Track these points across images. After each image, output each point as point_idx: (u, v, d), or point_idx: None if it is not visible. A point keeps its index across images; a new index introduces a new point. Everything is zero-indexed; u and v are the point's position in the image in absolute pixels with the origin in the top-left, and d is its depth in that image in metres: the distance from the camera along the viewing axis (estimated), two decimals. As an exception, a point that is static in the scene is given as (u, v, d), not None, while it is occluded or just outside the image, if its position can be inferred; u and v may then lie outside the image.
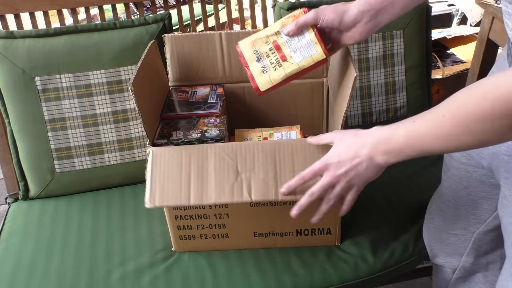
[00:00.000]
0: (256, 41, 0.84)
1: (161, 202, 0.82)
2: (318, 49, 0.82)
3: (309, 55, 0.82)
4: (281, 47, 0.83)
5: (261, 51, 0.84)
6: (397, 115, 1.32)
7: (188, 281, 0.94)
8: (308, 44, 0.82)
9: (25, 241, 1.05)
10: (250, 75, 0.84)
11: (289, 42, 0.83)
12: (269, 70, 0.83)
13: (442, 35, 1.94)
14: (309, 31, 0.82)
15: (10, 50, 1.09)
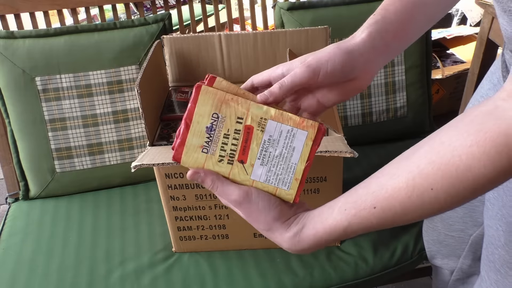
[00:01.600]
0: (229, 104, 0.52)
1: (150, 161, 0.80)
2: (291, 188, 0.55)
3: (274, 184, 0.55)
4: (252, 140, 0.53)
5: (224, 122, 0.53)
6: (397, 115, 1.32)
7: (188, 281, 0.94)
8: (286, 171, 0.54)
9: (25, 241, 1.05)
10: (182, 137, 0.53)
11: (266, 146, 0.54)
12: (212, 155, 0.54)
13: (442, 35, 1.94)
14: (301, 157, 0.54)
15: (10, 50, 1.09)
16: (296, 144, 0.54)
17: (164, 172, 0.88)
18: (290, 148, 0.54)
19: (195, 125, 0.53)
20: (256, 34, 1.03)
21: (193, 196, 0.91)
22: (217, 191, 0.54)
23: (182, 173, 0.88)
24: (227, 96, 0.52)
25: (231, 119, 0.53)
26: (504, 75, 0.66)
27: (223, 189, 0.54)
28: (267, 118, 0.53)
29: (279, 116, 0.53)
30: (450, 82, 1.84)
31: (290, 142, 0.54)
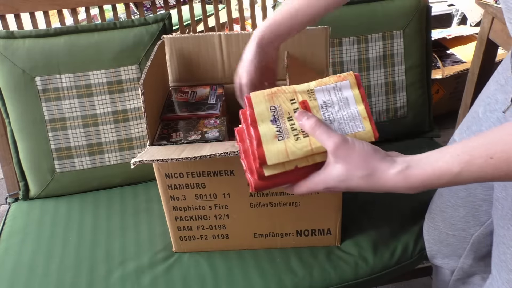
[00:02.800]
0: (277, 95, 0.59)
1: (149, 157, 0.79)
2: (366, 127, 0.59)
3: (351, 131, 0.58)
4: (312, 110, 0.58)
5: (282, 109, 0.58)
6: (397, 115, 1.32)
7: (188, 282, 0.94)
8: (352, 117, 0.59)
9: (25, 241, 1.05)
10: (257, 137, 0.56)
11: (325, 108, 0.59)
12: (288, 138, 0.57)
13: (442, 35, 1.94)
14: (357, 100, 0.59)
15: (10, 50, 1.09)
16: (347, 94, 0.60)
17: (164, 172, 0.88)
18: (344, 99, 0.60)
19: (261, 124, 0.58)
20: None
21: (193, 196, 0.91)
22: (317, 132, 0.55)
23: (182, 173, 0.88)
24: (272, 90, 0.59)
25: (286, 104, 0.59)
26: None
27: (323, 130, 0.55)
28: (312, 88, 0.60)
29: (320, 82, 0.60)
30: (450, 82, 1.84)
31: (340, 95, 0.60)
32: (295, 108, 0.58)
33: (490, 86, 0.78)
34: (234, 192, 0.91)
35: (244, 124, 0.58)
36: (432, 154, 0.53)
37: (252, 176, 0.58)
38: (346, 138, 0.55)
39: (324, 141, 0.55)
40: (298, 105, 0.59)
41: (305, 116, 0.57)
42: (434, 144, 1.33)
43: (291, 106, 0.58)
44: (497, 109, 0.74)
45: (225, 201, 0.92)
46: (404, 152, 0.56)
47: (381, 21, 1.26)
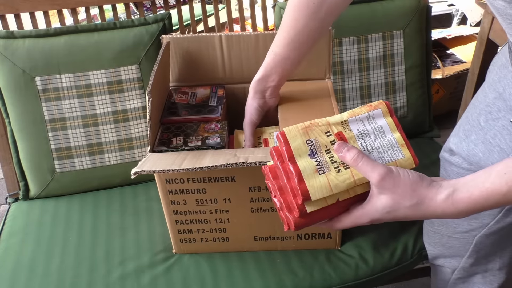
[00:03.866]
0: (312, 128, 0.58)
1: (150, 168, 0.79)
2: (405, 154, 0.58)
3: (391, 159, 0.58)
4: (349, 143, 0.58)
5: (319, 142, 0.57)
6: (397, 115, 1.32)
7: (188, 282, 0.94)
8: (390, 145, 0.58)
9: (25, 241, 1.05)
10: (297, 172, 0.55)
11: (361, 138, 0.58)
12: (329, 171, 0.56)
13: (442, 35, 1.94)
14: (391, 128, 0.59)
15: (10, 50, 1.09)
16: (380, 122, 0.60)
17: (164, 178, 0.88)
18: (379, 127, 0.59)
19: (299, 159, 0.56)
20: (258, 35, 1.03)
21: (194, 201, 0.91)
22: (359, 165, 0.54)
23: (183, 179, 0.88)
24: (305, 124, 0.58)
25: (322, 137, 0.58)
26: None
27: (367, 163, 0.54)
28: (346, 119, 0.60)
29: (352, 113, 0.60)
30: (450, 82, 1.84)
31: (375, 124, 0.59)
32: (332, 141, 0.57)
33: (488, 94, 0.77)
34: (235, 197, 0.90)
35: (279, 161, 0.57)
36: (478, 176, 0.52)
37: (291, 214, 0.56)
38: (390, 168, 0.54)
39: (368, 173, 0.54)
40: (334, 137, 0.58)
41: (345, 147, 0.56)
42: (434, 144, 1.33)
43: (327, 139, 0.57)
44: (500, 117, 0.74)
45: (225, 206, 0.92)
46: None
47: (381, 21, 1.26)
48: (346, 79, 1.27)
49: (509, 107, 0.71)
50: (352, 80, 1.27)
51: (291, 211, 0.57)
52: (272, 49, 0.87)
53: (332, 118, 0.59)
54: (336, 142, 0.57)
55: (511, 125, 0.71)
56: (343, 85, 1.27)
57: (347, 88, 1.27)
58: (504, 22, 0.63)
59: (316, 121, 0.58)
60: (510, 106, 0.70)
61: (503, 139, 0.73)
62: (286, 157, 0.56)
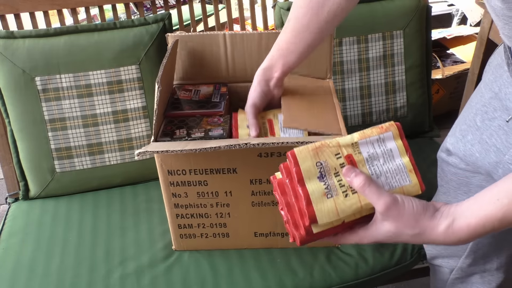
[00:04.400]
0: (322, 149, 0.58)
1: (153, 148, 0.80)
2: (412, 180, 0.59)
3: (398, 185, 0.58)
4: (358, 166, 0.58)
5: (328, 165, 0.57)
6: (397, 115, 1.32)
7: (188, 281, 0.94)
8: (399, 170, 0.58)
9: (25, 241, 1.05)
10: (305, 195, 0.56)
11: (371, 162, 0.58)
12: (337, 195, 0.57)
13: (442, 35, 1.94)
14: (401, 152, 0.59)
15: (10, 50, 1.09)
16: (390, 146, 0.59)
17: (166, 169, 0.88)
18: (388, 151, 0.59)
19: (308, 181, 0.56)
20: (261, 34, 1.03)
21: (195, 194, 0.91)
22: (367, 191, 0.55)
23: (185, 170, 0.88)
24: (316, 145, 0.58)
25: (332, 159, 0.58)
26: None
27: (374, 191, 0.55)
28: (357, 141, 0.59)
29: (363, 135, 0.59)
30: (450, 82, 1.84)
31: (384, 147, 0.59)
32: (341, 163, 0.58)
33: (484, 94, 0.78)
34: (236, 190, 0.91)
35: (287, 179, 0.57)
36: (473, 203, 0.54)
37: (297, 231, 0.58)
38: (396, 198, 0.55)
39: (374, 201, 0.55)
40: (344, 159, 0.58)
41: (353, 172, 0.57)
42: (434, 144, 1.33)
43: (337, 162, 0.58)
44: (496, 117, 0.74)
45: (226, 199, 0.92)
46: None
47: (381, 21, 1.26)
48: (346, 79, 1.27)
49: (505, 106, 0.71)
50: (352, 80, 1.27)
51: (298, 228, 0.58)
52: (277, 42, 0.89)
53: (343, 139, 0.59)
54: (345, 165, 0.57)
55: (507, 125, 0.71)
56: (343, 85, 1.27)
57: (347, 88, 1.27)
58: (500, 22, 0.63)
59: (327, 142, 0.58)
60: (506, 106, 0.70)
61: (499, 138, 0.73)
62: (295, 178, 0.56)
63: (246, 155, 0.87)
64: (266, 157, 0.87)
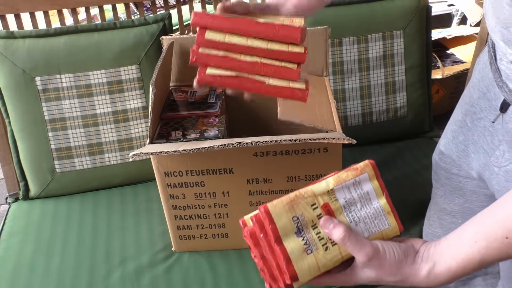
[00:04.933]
0: (297, 201, 0.54)
1: (148, 150, 0.80)
2: (391, 223, 0.57)
3: (377, 230, 0.57)
4: (336, 215, 0.55)
5: (305, 218, 0.54)
6: (397, 115, 1.32)
7: (188, 281, 0.94)
8: (377, 214, 0.57)
9: (25, 241, 1.05)
10: (285, 255, 0.53)
11: (348, 208, 0.56)
12: (317, 250, 0.54)
13: (442, 35, 1.94)
14: (377, 194, 0.57)
15: (10, 50, 1.09)
16: (367, 188, 0.57)
17: (163, 171, 0.88)
18: (365, 194, 0.57)
19: (285, 239, 0.53)
20: None
21: (193, 195, 0.91)
22: (347, 243, 0.53)
23: (182, 172, 0.88)
24: (290, 197, 0.54)
25: (308, 211, 0.54)
26: (500, 85, 0.65)
27: (354, 242, 0.53)
28: (332, 188, 0.56)
29: (338, 179, 0.56)
30: (450, 82, 1.84)
31: (361, 190, 0.57)
32: (319, 214, 0.55)
33: (473, 94, 0.77)
34: (234, 190, 0.91)
35: (262, 234, 0.54)
36: (452, 244, 0.53)
37: (275, 283, 0.55)
38: (377, 247, 0.53)
39: (355, 253, 0.54)
40: (321, 210, 0.55)
41: (331, 224, 0.54)
42: (434, 144, 1.33)
43: (313, 213, 0.55)
44: (482, 117, 0.73)
45: (224, 199, 0.92)
46: (403, 153, 0.56)
47: (381, 21, 1.26)
48: (346, 79, 1.27)
49: (493, 107, 0.70)
50: (352, 80, 1.27)
51: (276, 281, 0.55)
52: None
53: (318, 187, 0.56)
54: (322, 216, 0.55)
55: (492, 126, 0.70)
56: (343, 85, 1.27)
57: (347, 88, 1.27)
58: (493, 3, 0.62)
59: (302, 192, 0.55)
60: (495, 106, 0.70)
61: (485, 139, 0.72)
62: (271, 236, 0.53)
63: (241, 155, 0.87)
64: (262, 156, 0.87)
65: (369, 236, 0.56)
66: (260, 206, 0.54)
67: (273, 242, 0.53)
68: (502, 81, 0.65)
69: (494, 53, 0.67)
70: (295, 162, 0.88)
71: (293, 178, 0.90)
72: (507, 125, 0.66)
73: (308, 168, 0.89)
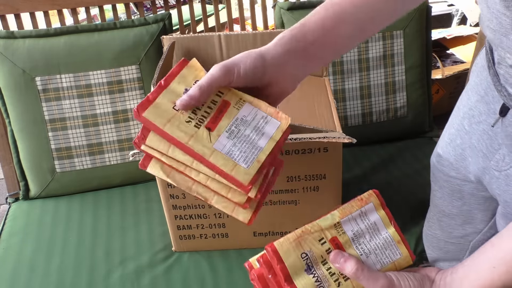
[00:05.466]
0: (304, 237, 0.52)
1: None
2: (403, 253, 0.56)
3: (389, 261, 0.55)
4: (345, 248, 0.53)
5: (314, 254, 0.52)
6: (397, 115, 1.32)
7: (188, 281, 0.94)
8: (387, 245, 0.55)
9: (25, 241, 1.05)
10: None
11: (357, 240, 0.54)
12: (329, 286, 0.52)
13: (442, 35, 1.94)
14: (385, 223, 0.56)
15: (10, 50, 1.09)
16: (373, 218, 0.55)
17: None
18: (372, 224, 0.55)
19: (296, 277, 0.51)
20: (256, 34, 1.03)
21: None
22: (361, 277, 0.52)
23: (182, 173, 0.88)
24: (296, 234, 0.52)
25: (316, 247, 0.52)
26: (499, 89, 0.65)
27: (368, 275, 0.52)
28: (339, 221, 0.54)
29: (344, 212, 0.54)
30: (450, 82, 1.84)
31: (368, 221, 0.55)
32: (327, 249, 0.53)
33: (471, 97, 0.77)
34: None
35: (270, 275, 0.52)
36: (470, 271, 0.52)
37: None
38: (392, 279, 0.52)
39: (371, 287, 0.52)
40: (329, 244, 0.53)
41: (341, 258, 0.52)
42: (434, 144, 1.33)
43: (322, 248, 0.52)
44: (481, 121, 0.73)
45: None
46: (403, 153, 0.55)
47: (381, 21, 1.26)
48: (346, 79, 1.27)
49: (491, 110, 0.70)
50: (352, 80, 1.27)
51: None
52: None
53: (324, 221, 0.54)
54: (331, 250, 0.53)
55: (491, 130, 0.70)
56: (343, 85, 1.27)
57: (347, 88, 1.27)
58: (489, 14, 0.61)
59: (308, 228, 0.53)
60: (493, 109, 0.69)
61: (484, 143, 0.72)
62: (281, 276, 0.51)
63: None
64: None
65: (382, 268, 0.54)
66: (267, 246, 0.52)
67: (283, 282, 0.51)
68: (501, 85, 0.64)
69: (492, 56, 0.67)
70: (295, 162, 0.87)
71: (293, 178, 0.90)
72: (506, 128, 0.66)
73: (308, 167, 0.89)
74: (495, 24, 0.57)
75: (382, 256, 0.55)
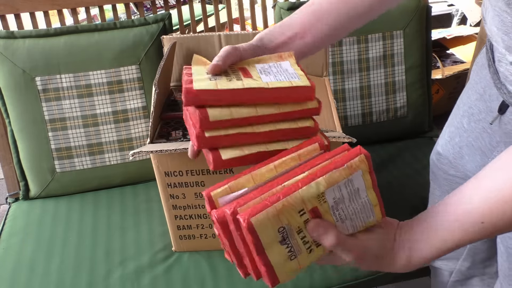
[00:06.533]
0: (283, 210, 0.49)
1: (148, 149, 0.80)
2: (376, 215, 0.55)
3: (362, 224, 0.54)
4: (322, 215, 0.52)
5: (291, 227, 0.50)
6: (397, 115, 1.32)
7: (188, 281, 0.94)
8: (364, 209, 0.54)
9: (25, 241, 1.05)
10: (268, 266, 0.50)
11: (336, 207, 0.52)
12: (300, 254, 0.51)
13: (442, 35, 1.94)
14: (367, 187, 0.53)
15: (10, 50, 1.09)
16: (358, 184, 0.53)
17: (163, 170, 0.88)
18: (355, 190, 0.53)
19: (269, 249, 0.49)
20: (256, 34, 1.03)
21: (193, 195, 0.91)
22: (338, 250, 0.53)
23: (182, 171, 0.88)
24: (277, 208, 0.48)
25: (295, 218, 0.50)
26: (499, 87, 0.65)
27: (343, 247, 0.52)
28: (323, 191, 0.50)
29: (330, 180, 0.51)
30: (450, 82, 1.84)
31: (352, 187, 0.53)
32: (306, 220, 0.50)
33: (470, 96, 0.77)
34: None
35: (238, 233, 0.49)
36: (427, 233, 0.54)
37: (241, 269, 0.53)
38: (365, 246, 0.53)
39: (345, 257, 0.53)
40: (308, 214, 0.50)
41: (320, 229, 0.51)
42: (434, 144, 1.33)
43: (300, 219, 0.50)
44: (481, 119, 0.73)
45: None
46: (403, 153, 0.55)
47: (381, 21, 1.25)
48: (346, 79, 1.27)
49: (489, 108, 0.70)
50: (352, 80, 1.27)
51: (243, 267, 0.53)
52: None
53: (307, 191, 0.50)
54: (309, 220, 0.51)
55: (490, 128, 0.70)
56: (343, 85, 1.27)
57: (347, 88, 1.27)
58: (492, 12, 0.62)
59: (289, 200, 0.49)
60: (491, 107, 0.69)
61: (483, 141, 0.72)
62: (254, 249, 0.48)
63: None
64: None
65: (354, 232, 0.54)
66: (240, 217, 0.47)
67: (255, 253, 0.49)
68: (501, 82, 0.65)
69: (492, 54, 0.67)
70: (295, 162, 0.87)
71: (293, 178, 0.90)
72: (505, 126, 0.66)
73: (308, 168, 0.89)
74: (497, 21, 0.57)
75: (356, 221, 0.54)
